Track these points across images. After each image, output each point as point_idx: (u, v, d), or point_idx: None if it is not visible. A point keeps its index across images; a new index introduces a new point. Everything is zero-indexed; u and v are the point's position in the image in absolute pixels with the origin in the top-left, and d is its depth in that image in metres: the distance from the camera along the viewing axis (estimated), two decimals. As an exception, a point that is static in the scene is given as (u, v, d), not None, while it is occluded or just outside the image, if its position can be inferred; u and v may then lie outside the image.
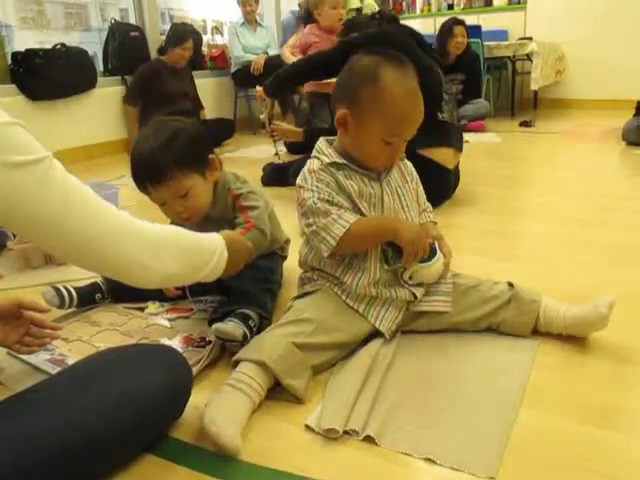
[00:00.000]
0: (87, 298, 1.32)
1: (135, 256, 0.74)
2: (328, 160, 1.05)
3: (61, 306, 1.27)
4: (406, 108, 1.01)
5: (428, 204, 1.22)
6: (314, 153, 1.10)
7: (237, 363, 0.94)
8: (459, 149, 2.13)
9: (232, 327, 1.04)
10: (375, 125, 1.01)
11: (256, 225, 1.21)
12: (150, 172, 1.12)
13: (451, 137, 2.07)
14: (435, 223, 1.21)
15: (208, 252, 0.87)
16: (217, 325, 1.05)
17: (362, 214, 1.05)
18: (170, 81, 3.71)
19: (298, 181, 1.08)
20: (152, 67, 3.71)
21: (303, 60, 2.46)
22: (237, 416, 0.84)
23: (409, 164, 1.19)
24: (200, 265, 0.86)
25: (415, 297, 1.09)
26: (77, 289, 1.30)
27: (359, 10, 3.38)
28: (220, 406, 0.84)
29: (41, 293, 1.27)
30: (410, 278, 1.06)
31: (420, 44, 2.04)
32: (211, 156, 1.20)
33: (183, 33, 3.71)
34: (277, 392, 0.93)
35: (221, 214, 1.25)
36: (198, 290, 1.33)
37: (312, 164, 1.07)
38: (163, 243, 0.79)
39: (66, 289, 1.28)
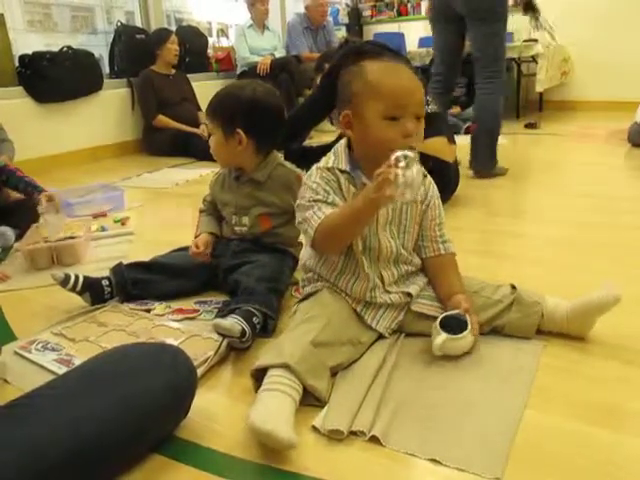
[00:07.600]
0: (94, 283, 1.33)
1: None
2: (332, 164, 1.08)
3: (65, 282, 1.29)
4: (395, 79, 1.03)
5: (448, 237, 1.15)
6: (331, 152, 1.12)
7: (257, 372, 0.92)
8: (452, 139, 2.12)
9: (230, 323, 1.05)
10: (373, 108, 1.01)
11: None
12: (208, 106, 1.40)
13: (441, 127, 2.06)
14: (454, 254, 1.14)
15: None
16: (216, 320, 1.08)
17: None
18: (166, 87, 3.75)
19: (305, 177, 1.13)
20: (144, 77, 3.73)
21: (298, 109, 2.56)
22: (284, 413, 0.83)
23: (429, 184, 1.13)
24: None
25: (410, 296, 1.10)
26: (85, 276, 1.34)
27: None
28: (267, 407, 0.83)
29: (51, 275, 1.31)
30: (440, 350, 1.02)
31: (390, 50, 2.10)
32: (237, 130, 1.32)
33: (165, 31, 3.89)
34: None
35: (268, 178, 1.38)
36: (208, 284, 1.40)
37: (322, 162, 1.11)
38: None
39: (74, 273, 1.32)
